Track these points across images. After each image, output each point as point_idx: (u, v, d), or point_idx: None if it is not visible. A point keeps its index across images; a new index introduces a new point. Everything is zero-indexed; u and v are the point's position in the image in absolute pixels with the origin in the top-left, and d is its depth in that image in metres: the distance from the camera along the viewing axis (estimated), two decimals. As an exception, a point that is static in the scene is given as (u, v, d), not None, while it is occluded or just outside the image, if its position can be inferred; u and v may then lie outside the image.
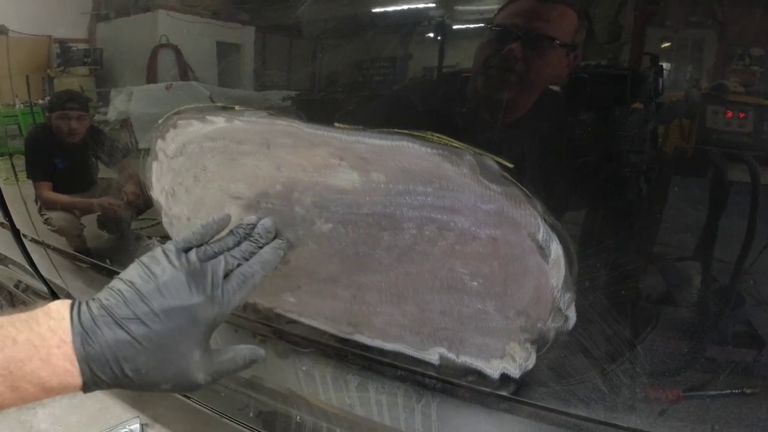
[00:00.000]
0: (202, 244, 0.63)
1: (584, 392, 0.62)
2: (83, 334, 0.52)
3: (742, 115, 0.47)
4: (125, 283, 0.56)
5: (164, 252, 0.60)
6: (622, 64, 0.51)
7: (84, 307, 0.54)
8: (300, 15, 0.68)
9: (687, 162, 0.51)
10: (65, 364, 0.51)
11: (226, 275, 0.61)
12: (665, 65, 0.49)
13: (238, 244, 0.66)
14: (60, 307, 0.54)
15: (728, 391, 0.56)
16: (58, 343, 0.51)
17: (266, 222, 0.69)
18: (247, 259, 0.64)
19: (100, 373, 0.52)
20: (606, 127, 0.53)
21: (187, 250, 0.61)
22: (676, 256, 0.55)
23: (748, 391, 0.55)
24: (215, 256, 0.62)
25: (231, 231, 0.67)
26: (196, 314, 0.56)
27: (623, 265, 0.56)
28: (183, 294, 0.56)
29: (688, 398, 0.58)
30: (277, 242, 0.68)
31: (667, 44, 0.50)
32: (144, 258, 0.60)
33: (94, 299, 0.56)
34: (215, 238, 0.66)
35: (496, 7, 0.57)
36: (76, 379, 0.52)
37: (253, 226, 0.69)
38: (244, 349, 0.64)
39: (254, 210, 0.74)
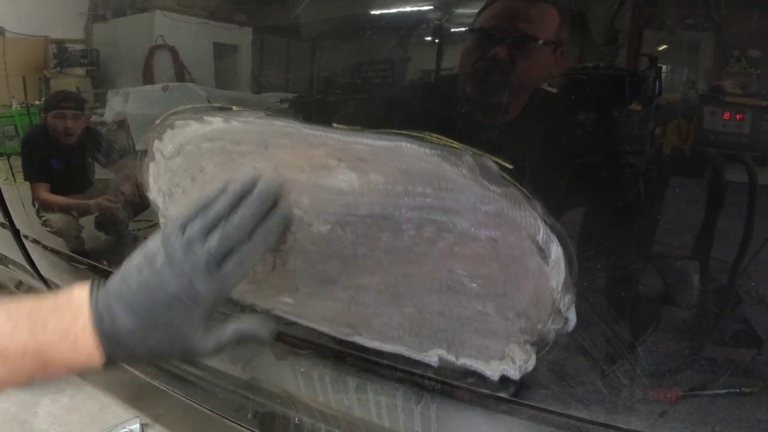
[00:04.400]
0: (197, 215, 0.61)
1: (584, 394, 0.62)
2: (102, 317, 0.58)
3: (739, 117, 0.48)
4: (134, 269, 0.60)
5: (165, 236, 0.60)
6: (620, 66, 0.51)
7: (102, 291, 0.60)
8: (298, 16, 0.68)
9: (685, 163, 0.51)
10: (89, 345, 0.58)
11: (226, 253, 0.59)
12: (663, 67, 0.49)
13: (234, 209, 0.61)
14: (81, 295, 0.60)
15: (728, 392, 0.55)
16: (82, 327, 0.58)
17: (266, 184, 0.63)
18: (246, 230, 0.60)
19: (118, 350, 0.59)
20: (604, 129, 0.53)
21: (184, 226, 0.60)
22: (676, 257, 0.55)
23: (748, 391, 0.55)
24: (213, 227, 0.60)
25: (225, 191, 0.62)
26: (198, 299, 0.59)
27: (623, 266, 0.56)
28: (184, 281, 0.58)
29: (689, 399, 0.58)
30: (279, 212, 0.64)
31: (664, 46, 0.50)
32: (148, 244, 0.62)
33: (107, 284, 0.61)
34: (209, 204, 0.62)
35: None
36: (99, 357, 0.59)
37: (252, 185, 0.63)
38: (243, 326, 0.64)
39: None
